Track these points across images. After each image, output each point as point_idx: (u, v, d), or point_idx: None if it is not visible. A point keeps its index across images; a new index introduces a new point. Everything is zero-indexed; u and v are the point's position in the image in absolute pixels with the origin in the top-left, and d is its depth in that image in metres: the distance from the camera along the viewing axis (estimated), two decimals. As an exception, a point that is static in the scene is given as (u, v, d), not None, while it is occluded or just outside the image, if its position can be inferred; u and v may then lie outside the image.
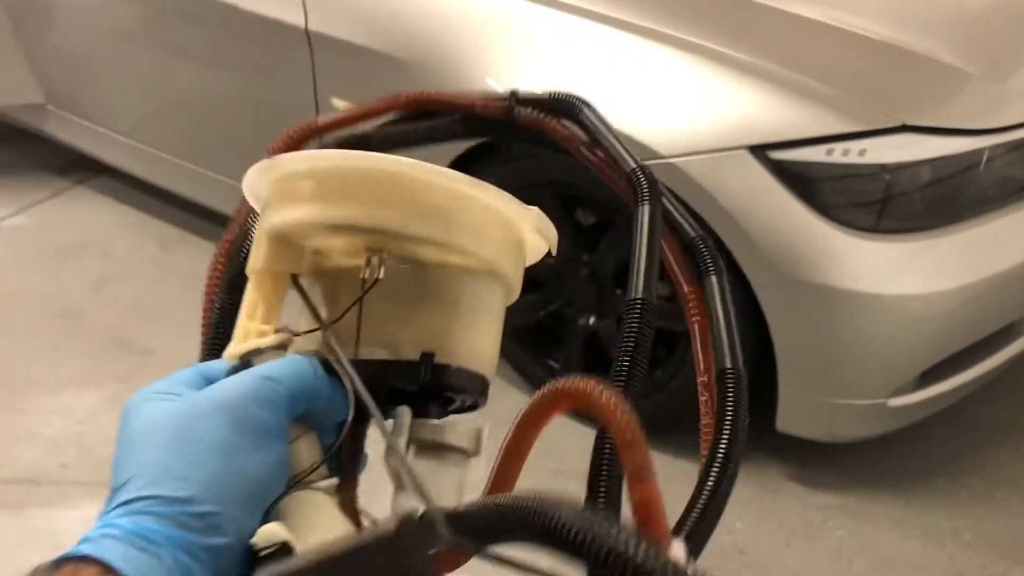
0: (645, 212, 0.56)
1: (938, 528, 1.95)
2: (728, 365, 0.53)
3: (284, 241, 0.48)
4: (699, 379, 0.55)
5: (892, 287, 1.75)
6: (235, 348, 0.48)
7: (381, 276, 0.46)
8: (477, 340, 0.49)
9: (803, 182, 1.74)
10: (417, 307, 0.48)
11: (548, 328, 2.25)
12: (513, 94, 0.66)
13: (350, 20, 2.12)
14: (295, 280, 0.49)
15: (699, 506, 0.48)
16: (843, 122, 1.74)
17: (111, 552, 0.37)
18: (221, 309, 0.57)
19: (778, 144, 1.74)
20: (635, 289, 0.52)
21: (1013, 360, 1.99)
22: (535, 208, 0.51)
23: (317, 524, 0.43)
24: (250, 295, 0.49)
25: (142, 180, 2.93)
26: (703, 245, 0.58)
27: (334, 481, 0.46)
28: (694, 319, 0.57)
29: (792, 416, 1.93)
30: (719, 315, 0.55)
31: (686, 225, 0.60)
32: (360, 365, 0.46)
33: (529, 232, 0.52)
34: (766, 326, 1.82)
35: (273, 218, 0.48)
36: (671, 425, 1.70)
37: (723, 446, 0.50)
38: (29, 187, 3.19)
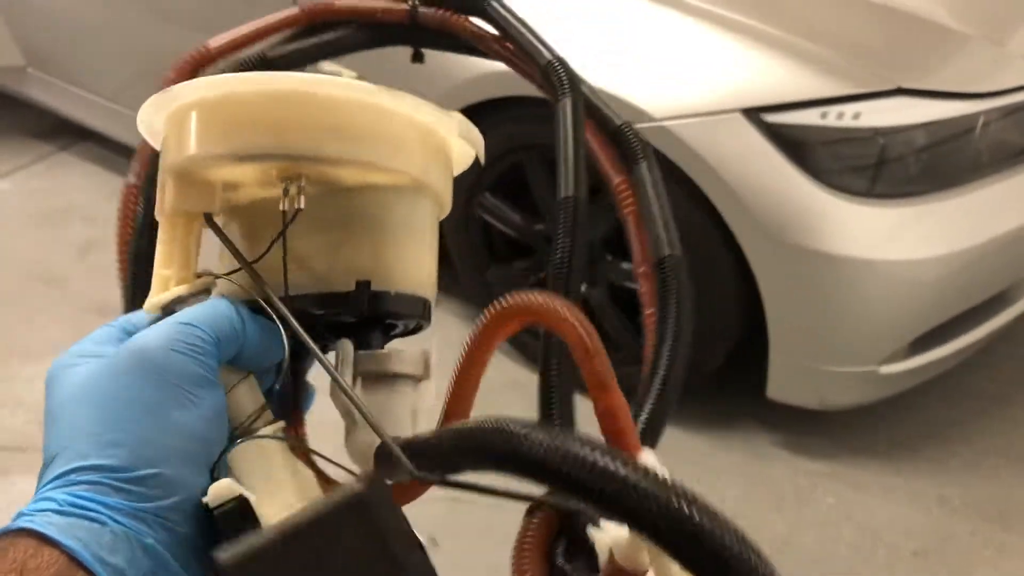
0: (567, 106, 0.54)
1: (927, 495, 1.95)
2: (666, 252, 0.52)
3: (190, 179, 0.44)
4: (636, 270, 0.53)
5: (885, 252, 1.73)
6: (155, 299, 0.44)
7: (302, 206, 0.43)
8: (413, 261, 0.47)
9: (797, 146, 1.72)
10: (344, 234, 0.45)
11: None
12: None
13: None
14: (209, 220, 0.45)
15: (653, 395, 0.46)
16: (838, 85, 1.72)
17: (47, 524, 0.35)
18: (136, 256, 0.53)
19: (772, 107, 1.71)
20: (565, 187, 0.50)
21: (1004, 329, 1.99)
22: (456, 113, 0.47)
23: (269, 472, 0.41)
24: (162, 242, 0.45)
25: (127, 145, 2.89)
26: (630, 133, 0.56)
27: (281, 424, 0.44)
28: (627, 209, 0.54)
29: (783, 383, 1.92)
30: (652, 201, 0.53)
31: (609, 113, 0.57)
32: (291, 302, 0.43)
33: (454, 139, 0.48)
34: (757, 292, 1.80)
35: (174, 155, 0.44)
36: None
37: (671, 330, 0.48)
38: (11, 152, 3.14)
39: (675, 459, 0.48)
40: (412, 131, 0.45)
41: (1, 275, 2.58)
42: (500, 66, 0.67)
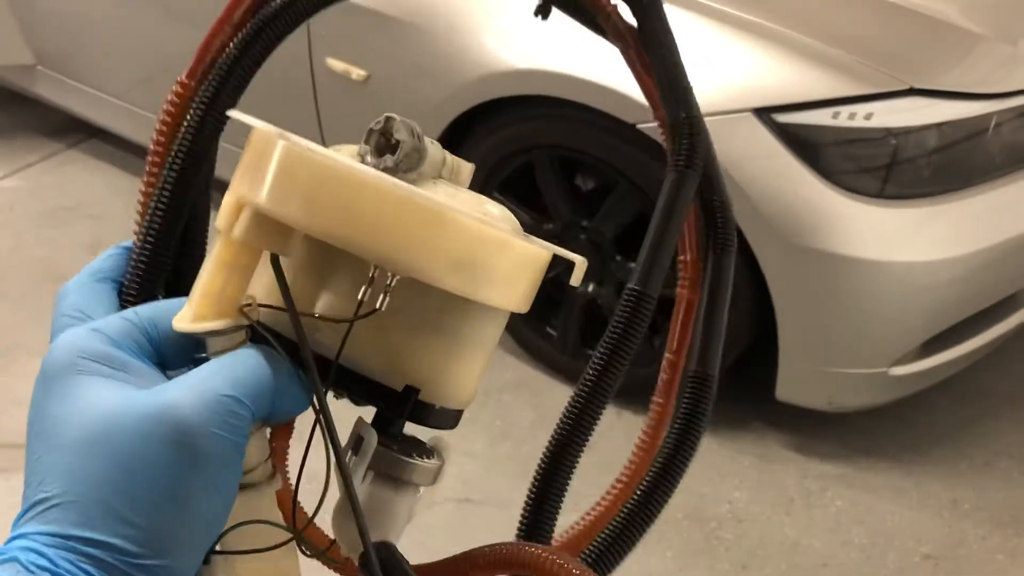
0: (673, 184, 0.47)
1: (938, 498, 1.94)
2: (705, 368, 0.47)
3: (273, 223, 0.39)
4: (667, 354, 0.48)
5: (897, 254, 1.72)
6: (189, 324, 0.40)
7: (383, 308, 0.38)
8: (468, 377, 0.43)
9: (808, 146, 1.70)
10: (415, 332, 0.40)
11: (547, 295, 2.23)
12: None
13: (346, -22, 2.07)
14: (275, 262, 0.40)
15: (608, 533, 0.44)
16: (850, 85, 1.71)
17: None
18: (172, 193, 0.45)
19: (783, 107, 1.70)
20: (639, 277, 0.44)
21: (1015, 330, 1.97)
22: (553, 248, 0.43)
23: (247, 532, 0.39)
24: (220, 254, 0.41)
25: (136, 143, 2.89)
26: (721, 214, 0.50)
27: (278, 480, 0.42)
28: (684, 289, 0.49)
29: (792, 385, 1.91)
30: (711, 304, 0.48)
31: (714, 191, 0.50)
32: (337, 371, 0.39)
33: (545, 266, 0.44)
34: (768, 292, 1.79)
35: (265, 197, 0.38)
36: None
37: (672, 469, 0.45)
38: (21, 150, 3.14)
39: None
40: (526, 264, 0.41)
41: (9, 273, 2.58)
42: (509, 66, 0.64)
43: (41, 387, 0.37)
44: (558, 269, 2.26)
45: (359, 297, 0.38)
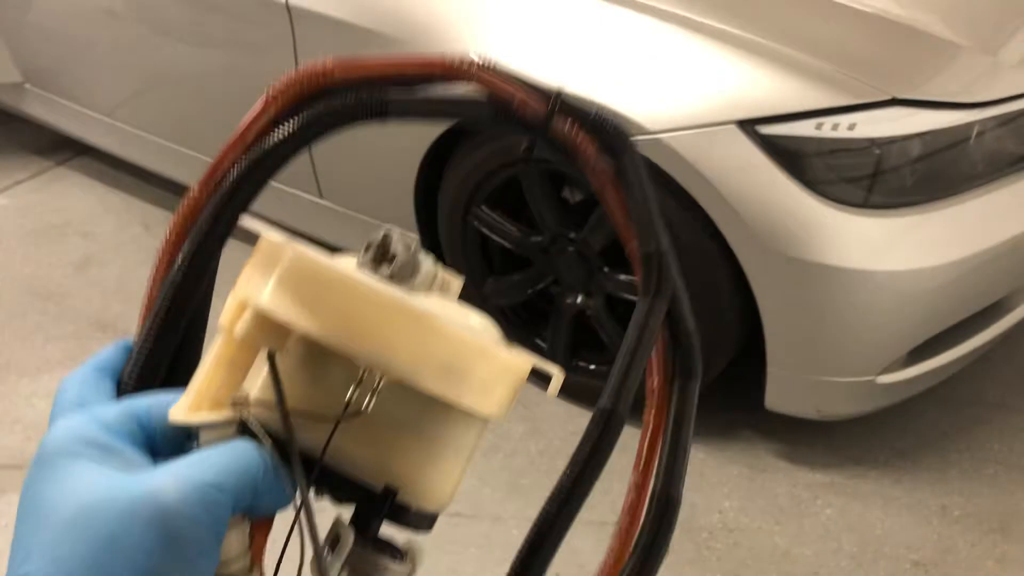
0: (644, 310, 0.49)
1: (927, 505, 1.95)
2: (669, 491, 0.48)
3: (270, 322, 0.42)
4: (633, 477, 0.49)
5: (882, 263, 1.74)
6: (183, 416, 0.42)
7: (367, 410, 0.41)
8: (446, 481, 0.45)
9: (792, 157, 1.72)
10: (396, 435, 0.43)
11: (535, 307, 2.23)
12: (558, 96, 0.55)
13: (331, -6, 2.09)
14: (271, 360, 0.42)
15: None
16: (833, 96, 1.72)
17: None
18: (174, 299, 0.47)
19: (767, 118, 1.72)
20: (609, 395, 0.46)
21: (1001, 337, 1.98)
22: (556, 372, 0.46)
23: None
24: (220, 351, 0.44)
25: (125, 160, 2.89)
26: (686, 341, 0.53)
27: (249, 563, 0.43)
28: (650, 415, 0.51)
29: (781, 394, 1.92)
30: (676, 429, 0.50)
31: (681, 310, 0.53)
32: (321, 469, 0.41)
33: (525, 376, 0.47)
34: (754, 303, 1.80)
35: (268, 299, 0.41)
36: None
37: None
38: (9, 168, 3.14)
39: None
40: (504, 373, 0.44)
41: (0, 290, 2.59)
42: None
43: (35, 467, 0.38)
44: (547, 281, 2.24)
45: (346, 398, 0.41)
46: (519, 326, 2.23)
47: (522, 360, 0.44)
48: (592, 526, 1.85)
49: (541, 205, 2.05)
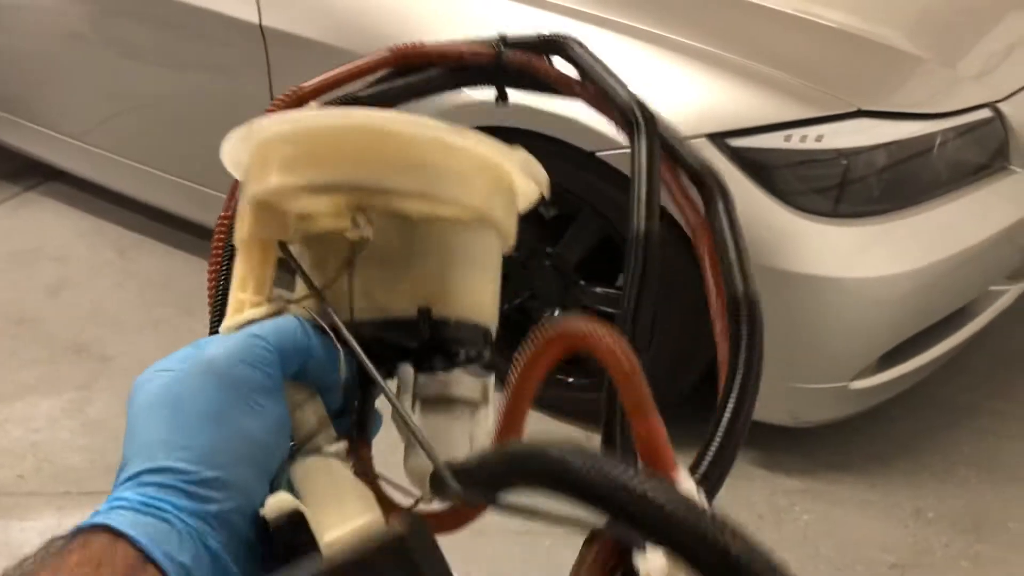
0: (642, 143, 0.54)
1: (902, 508, 1.98)
2: (740, 290, 0.51)
3: (267, 208, 0.47)
4: (712, 308, 0.52)
5: (852, 271, 1.77)
6: (229, 320, 0.47)
7: (370, 236, 0.45)
8: (474, 290, 0.48)
9: (762, 169, 1.75)
10: (409, 263, 0.47)
11: (513, 321, 2.25)
12: (501, 38, 0.64)
13: (304, 15, 2.10)
14: (283, 247, 0.47)
15: (714, 445, 0.46)
16: (800, 108, 1.76)
17: (121, 520, 0.37)
18: (222, 283, 0.55)
19: (737, 131, 1.75)
20: (637, 220, 0.50)
21: (968, 341, 2.03)
22: (520, 149, 0.49)
23: (330, 490, 0.42)
24: (239, 267, 0.48)
25: (97, 184, 2.87)
26: (707, 173, 0.57)
27: (343, 445, 0.45)
28: (703, 247, 0.55)
29: (757, 402, 1.94)
30: (728, 239, 0.53)
31: (688, 157, 0.57)
32: (356, 327, 0.45)
33: (517, 174, 0.50)
34: (729, 313, 1.83)
35: (254, 186, 0.47)
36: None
37: (738, 379, 0.48)
38: (-22, 193, 3.12)
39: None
40: (476, 165, 0.47)
41: (-30, 318, 2.55)
42: (469, 98, 0.70)
43: (128, 402, 0.44)
44: (524, 295, 2.26)
45: (349, 238, 0.45)
46: (497, 340, 2.24)
47: (494, 150, 0.47)
48: (575, 539, 1.86)
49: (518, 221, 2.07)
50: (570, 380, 2.16)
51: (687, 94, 1.80)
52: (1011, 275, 2.06)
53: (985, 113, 1.88)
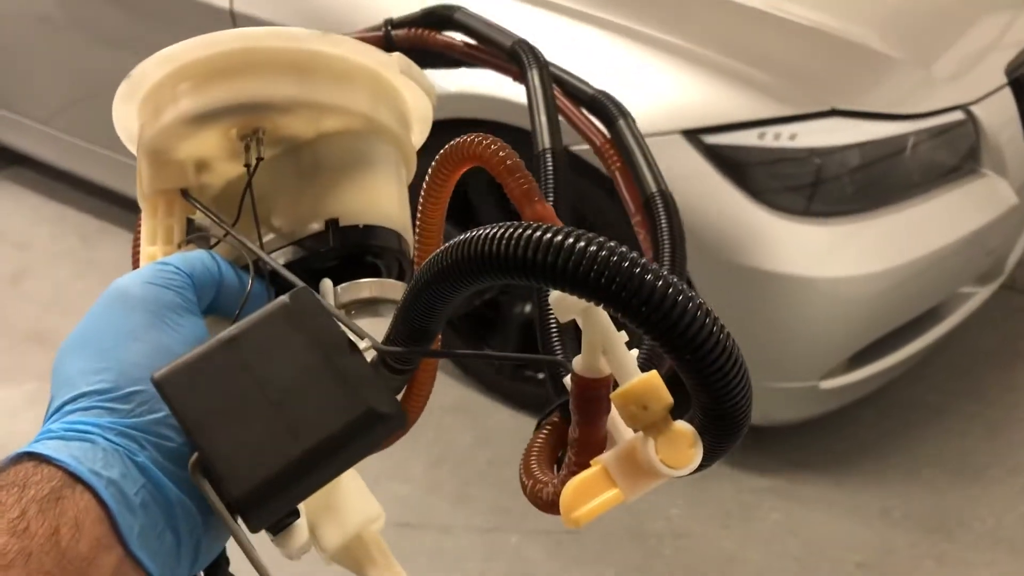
0: (535, 75, 0.56)
1: (868, 507, 1.98)
2: (652, 190, 0.54)
3: (162, 158, 0.47)
4: (632, 220, 0.54)
5: (823, 270, 1.77)
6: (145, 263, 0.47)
7: (263, 155, 0.45)
8: (376, 195, 0.49)
9: (735, 166, 1.75)
10: (307, 183, 0.47)
11: (484, 316, 2.23)
12: (388, 21, 0.66)
13: (274, 1, 2.06)
14: (185, 194, 0.48)
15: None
16: (774, 106, 1.76)
17: (44, 447, 0.37)
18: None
19: (711, 128, 1.75)
20: (540, 141, 0.51)
21: (937, 342, 2.04)
22: (396, 53, 0.50)
23: None
24: (145, 223, 0.48)
25: (61, 170, 2.82)
26: (604, 98, 0.59)
27: None
28: (615, 166, 0.57)
29: (726, 400, 1.94)
30: (635, 151, 0.56)
31: (582, 85, 0.60)
32: (270, 255, 0.45)
33: (396, 77, 0.50)
34: (700, 310, 1.82)
35: (144, 135, 0.48)
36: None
37: (667, 244, 0.50)
38: (-62, 178, 3.05)
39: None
40: (354, 70, 0.48)
41: (-73, 304, 2.50)
42: (442, 89, 0.69)
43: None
44: (495, 291, 2.25)
45: (244, 164, 0.46)
46: (468, 335, 2.22)
47: (371, 56, 0.48)
48: (541, 535, 1.85)
49: (490, 212, 2.05)
50: (539, 376, 2.15)
51: (662, 90, 1.79)
52: (980, 278, 2.07)
53: (958, 115, 1.89)
